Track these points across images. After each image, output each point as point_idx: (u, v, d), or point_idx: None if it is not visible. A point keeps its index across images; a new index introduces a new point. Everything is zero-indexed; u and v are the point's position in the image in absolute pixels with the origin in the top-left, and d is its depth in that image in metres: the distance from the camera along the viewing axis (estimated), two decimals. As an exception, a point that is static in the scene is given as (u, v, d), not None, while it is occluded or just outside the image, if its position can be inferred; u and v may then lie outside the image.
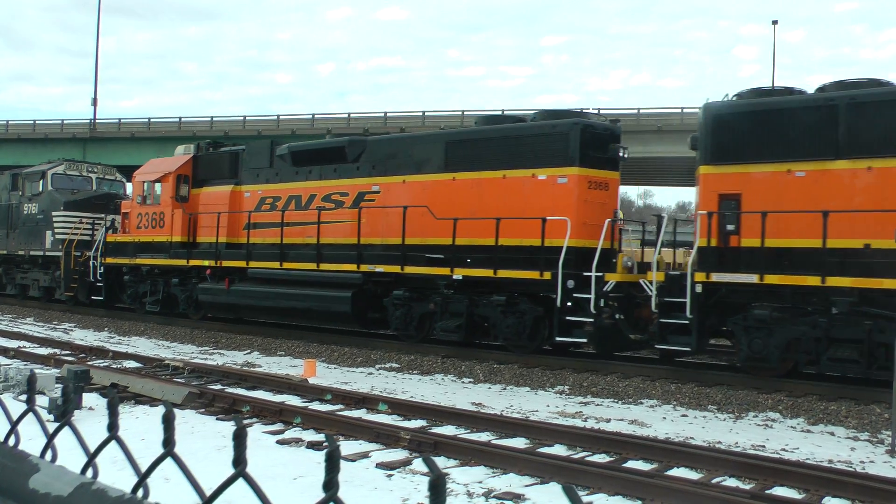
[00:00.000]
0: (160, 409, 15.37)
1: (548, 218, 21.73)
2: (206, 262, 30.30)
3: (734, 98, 20.55)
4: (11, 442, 2.44)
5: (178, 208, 31.81)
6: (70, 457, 2.51)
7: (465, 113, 72.29)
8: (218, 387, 18.26)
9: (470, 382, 20.84)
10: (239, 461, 1.78)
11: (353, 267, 25.66)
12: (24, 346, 24.82)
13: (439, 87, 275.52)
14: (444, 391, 19.38)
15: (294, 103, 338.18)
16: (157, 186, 32.67)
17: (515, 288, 22.71)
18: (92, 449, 2.20)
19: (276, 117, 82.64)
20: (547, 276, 21.46)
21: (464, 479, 11.24)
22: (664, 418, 16.65)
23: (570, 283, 21.24)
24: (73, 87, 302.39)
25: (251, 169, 30.22)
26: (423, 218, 24.26)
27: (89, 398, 16.03)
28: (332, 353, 24.98)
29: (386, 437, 13.35)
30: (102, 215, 37.45)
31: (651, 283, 20.51)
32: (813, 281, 18.05)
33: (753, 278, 18.83)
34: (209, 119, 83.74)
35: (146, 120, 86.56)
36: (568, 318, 21.28)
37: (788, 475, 11.40)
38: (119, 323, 32.94)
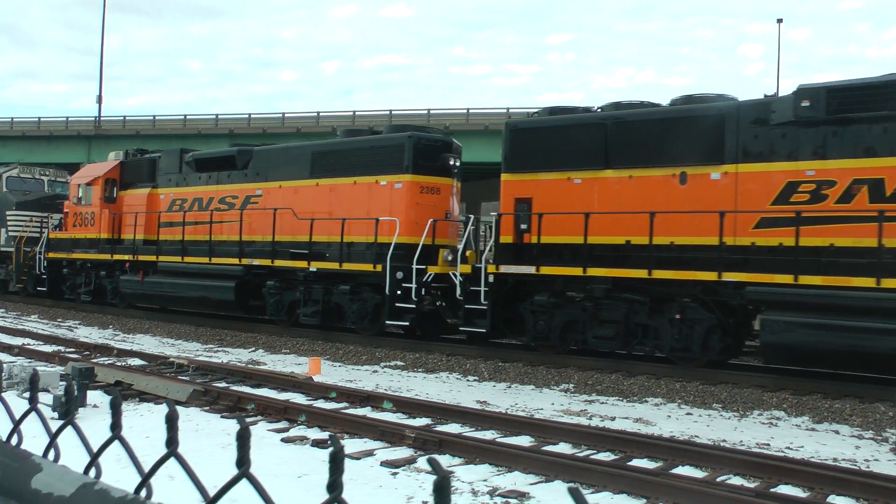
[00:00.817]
0: (165, 407, 15.39)
1: (380, 218, 25.52)
2: (126, 257, 34.50)
3: (534, 115, 24.46)
4: (14, 441, 2.44)
5: (106, 208, 35.98)
6: (73, 455, 2.50)
7: (470, 111, 72.03)
8: (223, 384, 18.26)
9: (475, 380, 20.84)
10: (242, 461, 1.77)
11: (235, 261, 29.74)
12: (29, 344, 24.84)
13: (444, 84, 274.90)
14: (448, 389, 19.38)
15: (299, 101, 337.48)
16: (90, 189, 36.85)
17: (360, 279, 26.29)
18: (95, 448, 2.19)
19: (280, 115, 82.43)
20: (378, 268, 25.17)
21: (469, 477, 11.23)
22: (669, 416, 16.64)
23: (399, 275, 24.81)
24: (79, 85, 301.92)
25: (165, 174, 34.27)
26: (289, 218, 28.30)
27: (94, 396, 16.04)
28: (337, 350, 24.99)
29: (391, 435, 13.34)
30: (48, 214, 41.82)
31: (457, 274, 23.89)
32: (576, 271, 21.59)
33: (532, 269, 22.43)
34: (214, 117, 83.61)
35: (151, 118, 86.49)
36: (397, 304, 24.78)
37: (793, 473, 11.38)
38: (124, 321, 32.99)
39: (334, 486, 1.64)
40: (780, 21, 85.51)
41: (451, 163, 26.34)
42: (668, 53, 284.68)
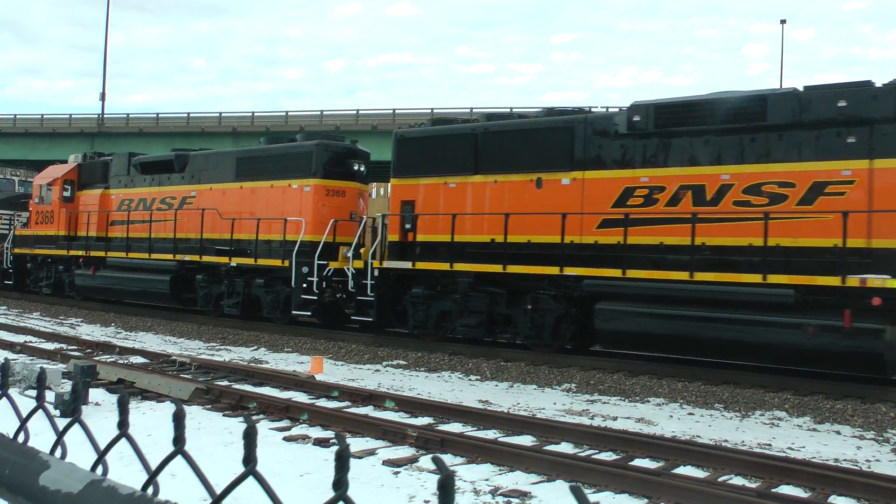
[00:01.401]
0: (167, 405, 15.41)
1: (288, 218, 28.63)
2: (80, 253, 37.43)
3: (422, 125, 27.10)
4: (21, 438, 2.45)
5: (64, 207, 38.78)
6: (78, 452, 2.51)
7: (474, 110, 72.00)
8: (225, 383, 18.27)
9: (477, 380, 20.85)
10: (249, 459, 1.78)
11: (170, 256, 32.67)
12: (31, 341, 24.86)
13: (448, 83, 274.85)
14: (451, 388, 19.39)
15: (303, 99, 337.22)
16: (50, 189, 39.54)
17: (273, 273, 29.20)
18: (102, 446, 2.20)
19: (284, 113, 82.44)
20: (286, 263, 28.11)
21: (470, 476, 11.25)
22: (671, 416, 16.65)
23: (305, 269, 27.63)
24: (82, 82, 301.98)
25: (116, 176, 37.09)
26: (216, 217, 31.36)
27: (96, 393, 16.06)
28: (340, 349, 25.02)
29: (393, 434, 13.36)
30: (16, 213, 45.10)
31: (350, 269, 26.66)
32: (445, 266, 24.24)
33: (409, 264, 25.10)
34: (217, 115, 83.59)
35: (154, 115, 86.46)
36: (303, 296, 27.61)
37: (794, 474, 11.40)
38: (126, 318, 33.04)
39: (339, 483, 1.66)
40: (783, 22, 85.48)
41: (356, 168, 29.47)
42: (673, 53, 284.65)
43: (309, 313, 28.30)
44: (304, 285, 27.57)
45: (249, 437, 1.78)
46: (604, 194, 21.82)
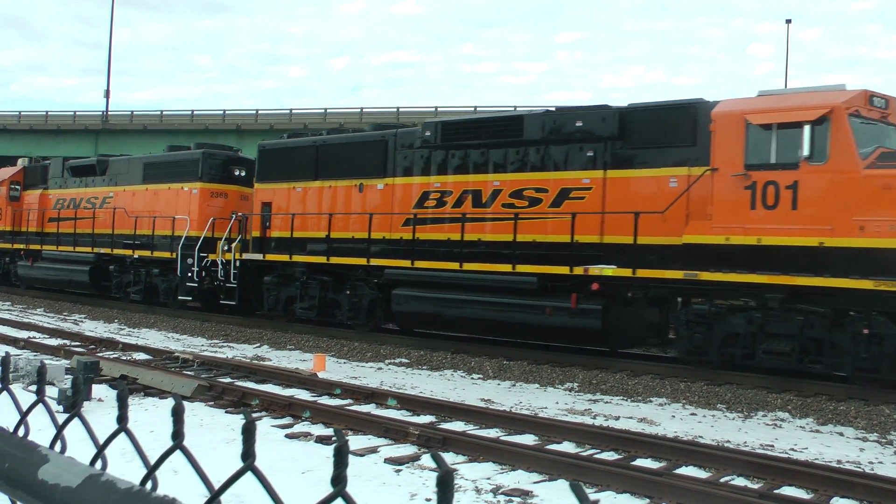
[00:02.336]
0: (170, 402, 15.37)
1: (176, 217, 33.32)
2: (21, 246, 42.43)
3: (281, 139, 32.21)
4: (21, 433, 2.45)
5: (10, 206, 43.84)
6: (79, 448, 2.51)
7: (477, 109, 72.00)
8: (227, 380, 18.29)
9: (479, 379, 20.86)
10: (248, 455, 1.78)
11: (89, 249, 37.61)
12: (34, 337, 24.91)
13: (453, 82, 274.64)
14: (453, 387, 19.40)
15: (307, 97, 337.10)
16: None
17: (165, 264, 33.77)
18: (101, 440, 2.20)
19: (288, 111, 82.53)
20: (173, 255, 32.70)
21: (472, 475, 11.25)
22: (673, 417, 16.64)
23: (189, 261, 31.87)
24: (87, 79, 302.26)
25: (52, 178, 42.08)
26: (124, 216, 35.91)
27: (98, 389, 16.06)
28: (342, 347, 25.04)
29: (395, 432, 13.37)
30: None
31: (220, 261, 31.12)
32: (285, 258, 29.06)
33: (260, 256, 29.97)
34: (221, 112, 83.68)
35: (158, 112, 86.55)
36: (188, 283, 32.01)
37: (797, 475, 11.39)
38: (129, 315, 33.11)
39: (338, 479, 1.65)
40: (788, 22, 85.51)
41: (237, 173, 34.24)
42: (678, 53, 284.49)
43: (190, 298, 32.89)
44: (189, 274, 32.05)
45: (248, 433, 1.77)
46: (407, 197, 26.07)
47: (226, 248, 31.05)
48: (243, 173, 33.93)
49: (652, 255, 20.73)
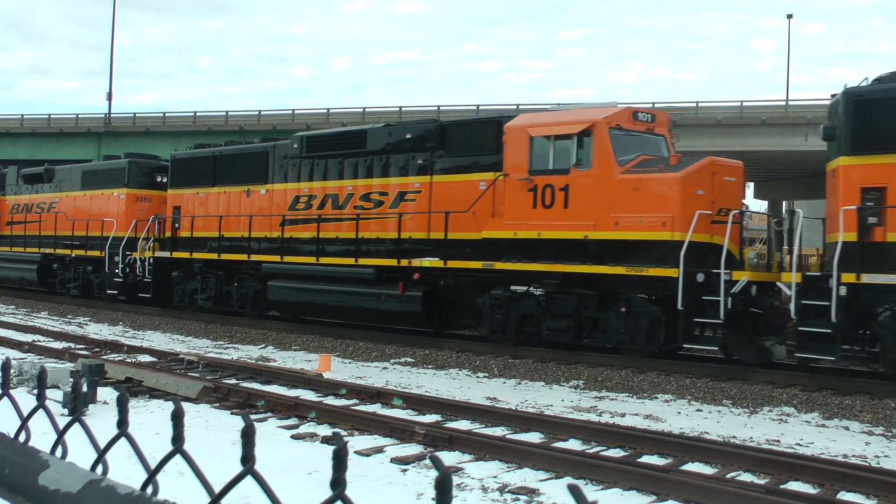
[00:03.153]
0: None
1: (105, 219, 37.57)
2: None
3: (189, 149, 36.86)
4: (22, 438, 2.44)
5: None
6: (84, 452, 2.51)
7: (480, 107, 71.96)
8: (233, 381, 18.29)
9: (485, 377, 20.86)
10: (247, 458, 1.78)
11: (36, 250, 42.16)
12: (39, 340, 24.93)
13: (455, 81, 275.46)
14: (458, 386, 19.40)
15: (310, 97, 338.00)
16: None
17: (98, 262, 37.67)
18: (102, 445, 2.19)
19: (291, 112, 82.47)
20: (102, 254, 36.60)
21: (478, 473, 11.25)
22: (679, 413, 16.64)
23: (117, 259, 36.05)
24: (89, 81, 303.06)
25: (9, 185, 46.51)
26: (64, 219, 40.18)
27: (104, 392, 16.06)
28: (347, 347, 25.05)
29: (401, 431, 13.36)
30: None
31: (140, 258, 35.31)
32: (186, 255, 33.72)
33: (168, 254, 34.43)
34: (224, 113, 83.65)
35: (161, 114, 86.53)
36: (115, 279, 36.16)
37: (803, 470, 11.38)
38: (134, 317, 33.18)
39: (337, 482, 1.65)
40: (789, 17, 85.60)
41: (159, 180, 37.64)
42: (681, 49, 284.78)
43: (116, 292, 36.54)
44: (116, 270, 36.11)
45: (247, 436, 1.77)
46: (283, 201, 29.82)
47: (145, 247, 35.31)
48: (165, 179, 36.96)
49: (466, 249, 24.06)
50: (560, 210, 22.04)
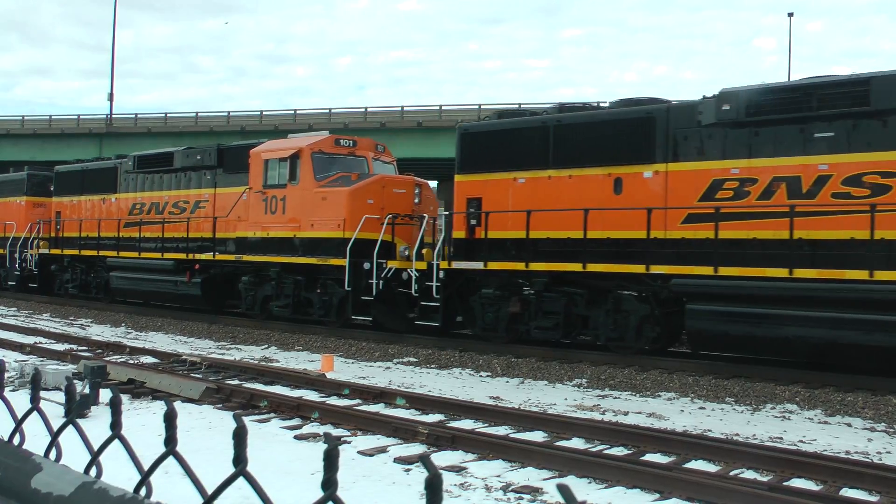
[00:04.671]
0: (178, 405, 15.37)
1: (6, 222, 44.04)
2: None
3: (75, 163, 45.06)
4: (17, 441, 2.44)
5: None
6: (83, 455, 2.50)
7: (482, 107, 71.86)
8: (235, 382, 18.28)
9: (488, 376, 20.85)
10: (239, 459, 1.77)
11: None
12: (41, 342, 24.92)
13: (458, 80, 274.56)
14: (461, 385, 19.39)
15: (312, 97, 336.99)
16: None
17: (2, 259, 44.25)
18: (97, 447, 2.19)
19: (292, 112, 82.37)
20: (3, 251, 43.66)
21: (482, 472, 11.24)
22: (682, 411, 16.63)
23: (16, 256, 42.20)
24: (90, 82, 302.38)
25: None
26: None
27: (106, 394, 16.04)
28: (350, 347, 25.04)
29: (404, 431, 13.35)
30: None
31: (28, 255, 42.26)
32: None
33: (59, 251, 41.51)
34: (226, 114, 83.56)
35: (163, 115, 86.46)
36: (14, 272, 42.85)
37: (806, 467, 11.38)
38: (136, 318, 33.17)
39: (329, 483, 1.64)
40: (790, 15, 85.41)
41: (51, 188, 43.23)
42: (684, 47, 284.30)
43: (14, 283, 43.08)
44: (16, 265, 42.62)
45: (239, 437, 1.76)
46: (126, 207, 37.08)
47: (39, 244, 42.47)
48: (53, 188, 43.62)
49: (233, 245, 31.08)
50: (280, 215, 29.22)
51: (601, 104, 26.36)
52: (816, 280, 18.42)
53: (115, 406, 2.13)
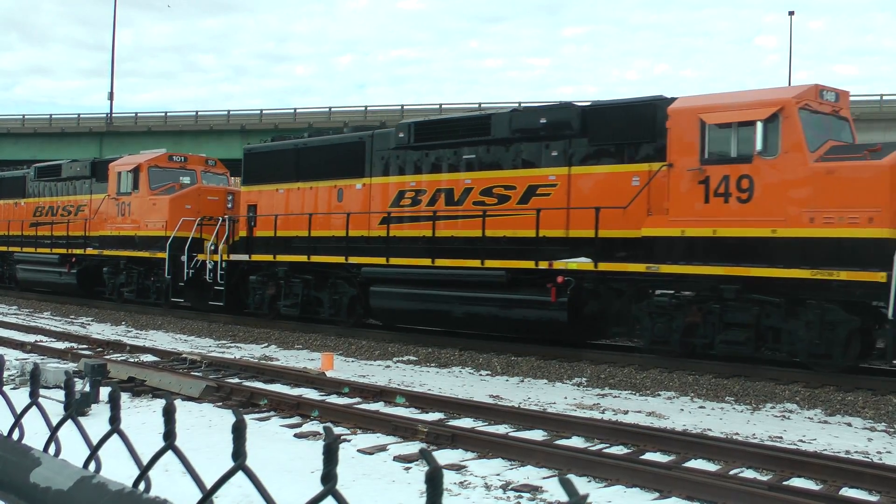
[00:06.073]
0: (178, 403, 15.37)
1: None
2: None
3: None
4: (16, 436, 2.44)
5: None
6: (83, 451, 2.50)
7: (482, 105, 71.90)
8: (235, 380, 18.29)
9: (487, 375, 20.85)
10: (238, 454, 1.77)
11: None
12: (42, 341, 24.93)
13: (459, 78, 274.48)
14: (461, 384, 19.40)
15: (313, 96, 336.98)
16: None
17: None
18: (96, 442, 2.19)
19: (293, 111, 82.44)
20: None
21: (482, 471, 11.24)
22: (682, 410, 16.63)
23: None
24: (91, 81, 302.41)
25: None
26: None
27: (107, 392, 16.03)
28: (350, 346, 25.05)
29: (404, 429, 13.35)
30: None
31: None
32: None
33: None
34: (226, 113, 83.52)
35: (163, 114, 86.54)
36: None
37: (806, 466, 11.37)
38: (136, 317, 33.16)
39: (328, 477, 1.64)
40: (791, 13, 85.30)
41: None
42: (685, 45, 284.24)
43: None
44: None
45: (238, 431, 1.76)
46: (30, 211, 43.30)
47: None
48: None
49: (97, 243, 37.18)
50: (127, 218, 36.38)
51: (341, 129, 33.74)
52: (450, 268, 24.08)
53: (113, 401, 2.13)
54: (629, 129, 21.48)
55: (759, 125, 18.80)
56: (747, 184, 19.07)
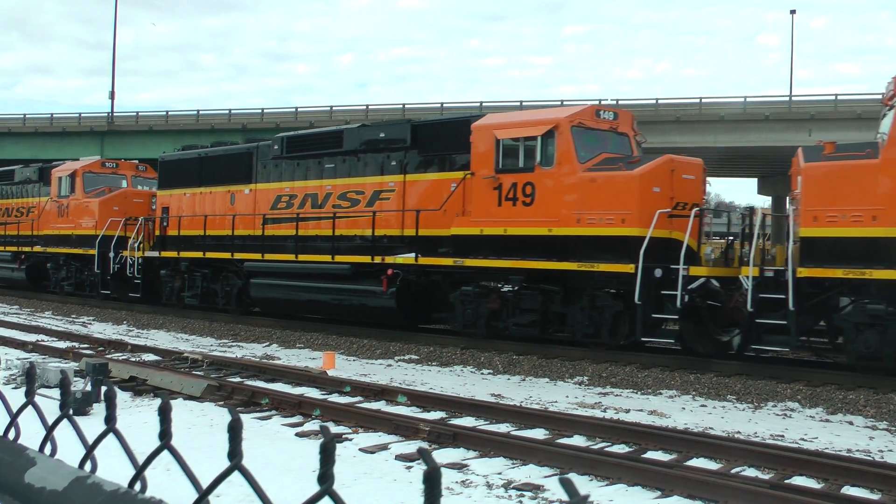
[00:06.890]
0: (180, 402, 15.40)
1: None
2: None
3: None
4: (12, 435, 2.43)
5: None
6: (80, 451, 2.49)
7: (483, 104, 71.87)
8: (237, 379, 18.29)
9: (489, 374, 20.85)
10: (234, 453, 1.76)
11: None
12: (43, 340, 24.92)
13: (460, 77, 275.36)
14: (463, 382, 19.39)
15: (314, 94, 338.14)
16: None
17: None
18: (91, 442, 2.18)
19: (293, 110, 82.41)
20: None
21: (483, 470, 11.23)
22: (683, 408, 16.62)
23: None
24: (92, 80, 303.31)
25: None
26: None
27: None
28: (352, 345, 25.04)
29: (405, 428, 13.34)
30: None
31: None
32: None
33: None
34: (227, 112, 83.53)
35: (164, 113, 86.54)
36: None
37: (807, 465, 11.37)
38: (138, 316, 33.19)
39: (325, 477, 1.62)
40: (793, 12, 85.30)
41: None
42: (686, 44, 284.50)
43: None
44: None
45: (234, 431, 1.75)
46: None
47: None
48: None
49: (42, 241, 41.12)
50: (66, 219, 39.81)
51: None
52: (309, 262, 27.62)
53: (109, 400, 2.12)
54: (450, 142, 24.67)
55: (539, 140, 22.35)
56: (530, 190, 22.40)
